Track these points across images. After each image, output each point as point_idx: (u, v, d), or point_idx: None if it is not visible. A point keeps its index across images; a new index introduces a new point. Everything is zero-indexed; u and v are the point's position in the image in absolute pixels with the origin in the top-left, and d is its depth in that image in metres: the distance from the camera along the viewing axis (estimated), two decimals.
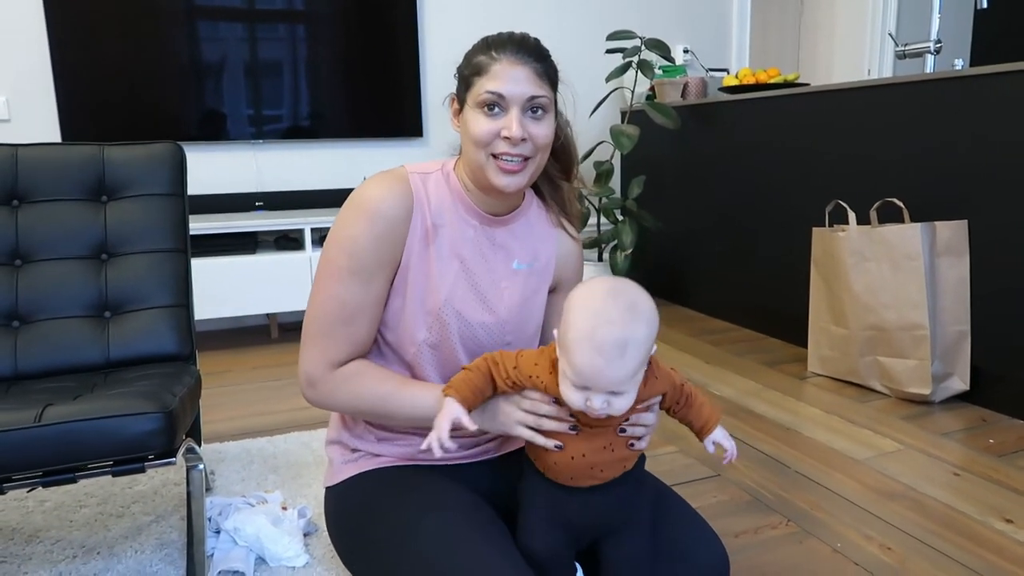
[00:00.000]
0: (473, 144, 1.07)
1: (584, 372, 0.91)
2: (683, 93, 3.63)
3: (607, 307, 0.93)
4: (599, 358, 0.90)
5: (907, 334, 2.26)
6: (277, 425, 2.20)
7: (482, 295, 1.15)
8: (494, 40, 1.08)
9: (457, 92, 1.12)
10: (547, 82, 1.08)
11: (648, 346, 0.93)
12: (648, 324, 0.93)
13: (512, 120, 1.04)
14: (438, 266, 1.12)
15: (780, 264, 2.97)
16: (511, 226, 1.18)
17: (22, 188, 1.60)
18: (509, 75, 1.04)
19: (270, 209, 3.33)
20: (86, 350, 1.53)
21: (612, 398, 0.92)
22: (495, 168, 1.07)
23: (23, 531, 1.59)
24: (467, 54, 1.11)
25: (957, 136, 2.23)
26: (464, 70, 1.10)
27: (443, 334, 1.13)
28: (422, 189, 1.13)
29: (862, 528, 1.58)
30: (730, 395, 2.42)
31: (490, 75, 1.05)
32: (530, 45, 1.08)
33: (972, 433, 2.07)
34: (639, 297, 0.95)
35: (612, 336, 0.90)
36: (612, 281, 0.99)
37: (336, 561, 1.44)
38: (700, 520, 1.14)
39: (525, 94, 1.05)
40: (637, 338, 0.91)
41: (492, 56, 1.06)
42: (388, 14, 3.41)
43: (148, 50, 3.06)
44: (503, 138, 1.05)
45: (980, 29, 4.23)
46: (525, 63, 1.05)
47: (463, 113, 1.10)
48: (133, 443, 1.18)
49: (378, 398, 1.10)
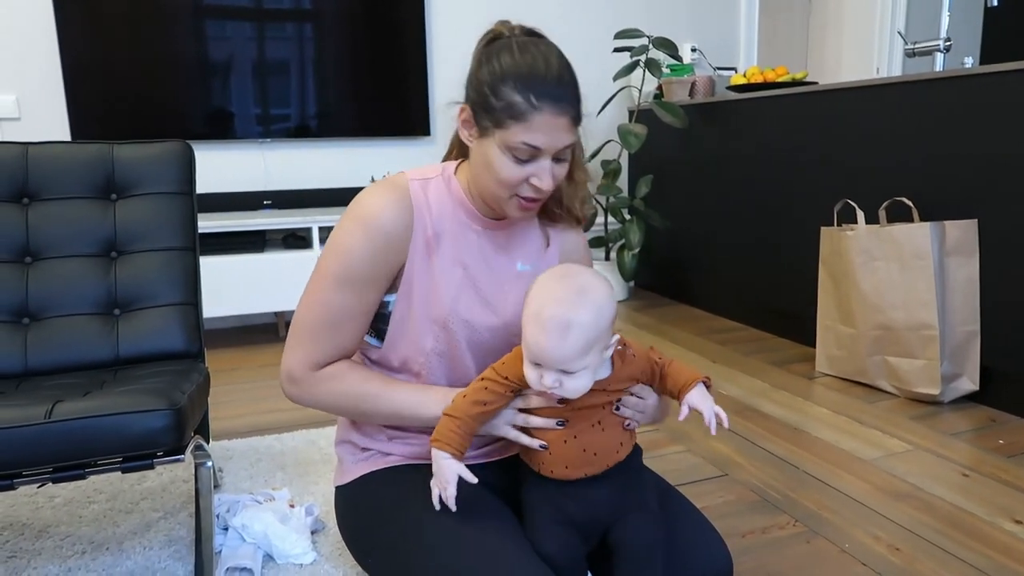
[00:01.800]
0: (496, 182, 1.03)
1: (532, 349, 0.95)
2: (691, 92, 3.63)
3: (555, 288, 0.96)
4: (543, 336, 0.93)
5: (916, 334, 2.25)
6: (285, 423, 2.20)
7: (487, 299, 1.14)
8: (532, 79, 0.99)
9: (476, 113, 1.04)
10: (577, 123, 1.04)
11: (595, 331, 0.94)
12: (596, 309, 0.95)
13: (544, 172, 1.02)
14: (441, 275, 1.11)
15: (788, 263, 2.96)
16: (513, 228, 1.17)
17: (32, 186, 1.61)
18: (549, 127, 0.99)
19: (278, 207, 3.34)
20: (95, 347, 1.54)
21: (564, 377, 0.95)
22: (516, 206, 1.06)
23: (33, 526, 1.60)
24: (496, 78, 1.01)
25: (967, 135, 2.22)
26: (493, 100, 1.00)
27: (450, 342, 1.13)
28: (422, 197, 1.11)
29: (870, 528, 1.58)
30: (737, 394, 2.41)
31: (528, 126, 0.99)
32: (568, 86, 1.01)
33: (981, 433, 2.06)
34: (592, 283, 0.97)
35: (556, 316, 0.93)
36: (568, 267, 1.02)
37: (343, 559, 1.44)
38: (704, 521, 1.13)
39: (561, 144, 1.01)
40: (581, 320, 0.93)
41: (532, 103, 0.98)
42: (396, 13, 3.41)
43: (157, 49, 3.08)
44: (531, 185, 1.03)
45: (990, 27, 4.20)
46: (565, 112, 1.00)
47: (483, 140, 1.04)
48: (142, 440, 1.19)
49: (359, 398, 1.11)
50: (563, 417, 1.01)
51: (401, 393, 1.11)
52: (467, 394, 1.03)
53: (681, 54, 3.54)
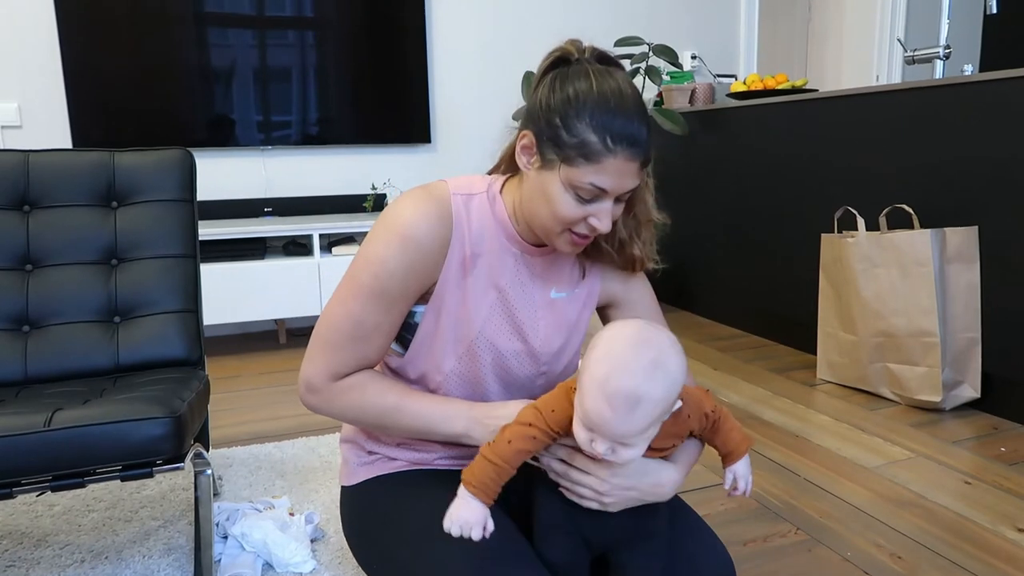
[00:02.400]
0: (551, 216, 0.99)
1: (591, 417, 0.87)
2: (691, 99, 3.63)
3: (628, 357, 0.86)
4: (607, 409, 0.85)
5: (917, 341, 2.24)
6: (285, 430, 2.20)
7: (518, 325, 1.11)
8: (610, 118, 0.93)
9: (541, 143, 0.98)
10: (647, 164, 0.99)
11: (666, 406, 0.88)
12: (670, 384, 0.87)
13: (604, 213, 0.97)
14: (474, 296, 1.08)
15: (789, 270, 2.96)
16: (553, 255, 1.12)
17: (33, 194, 1.61)
18: (621, 172, 0.94)
19: (279, 215, 3.35)
20: (95, 355, 1.54)
21: (619, 447, 0.88)
22: (567, 240, 1.01)
23: (32, 535, 1.59)
24: (569, 110, 0.95)
25: (966, 142, 2.22)
26: (564, 134, 0.95)
27: (473, 365, 1.10)
28: (464, 214, 1.06)
29: (872, 536, 1.57)
30: (738, 402, 2.41)
31: (600, 168, 0.94)
32: (644, 126, 0.95)
33: (983, 441, 2.06)
34: (668, 352, 0.88)
35: (626, 389, 0.84)
36: (644, 329, 0.91)
37: (343, 567, 1.44)
38: (706, 528, 1.12)
39: (628, 188, 0.98)
40: (654, 396, 0.85)
41: (608, 147, 0.93)
42: (397, 20, 3.42)
43: (158, 57, 3.09)
44: (588, 223, 0.98)
45: (990, 34, 4.22)
46: (638, 157, 0.95)
47: (544, 172, 0.98)
48: (142, 448, 1.18)
49: (380, 412, 1.08)
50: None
51: (424, 408, 1.07)
52: (512, 440, 0.94)
53: (681, 61, 3.55)
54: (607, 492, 0.96)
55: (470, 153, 3.64)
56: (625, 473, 0.96)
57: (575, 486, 0.97)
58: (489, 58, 3.64)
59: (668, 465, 1.02)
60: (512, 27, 3.69)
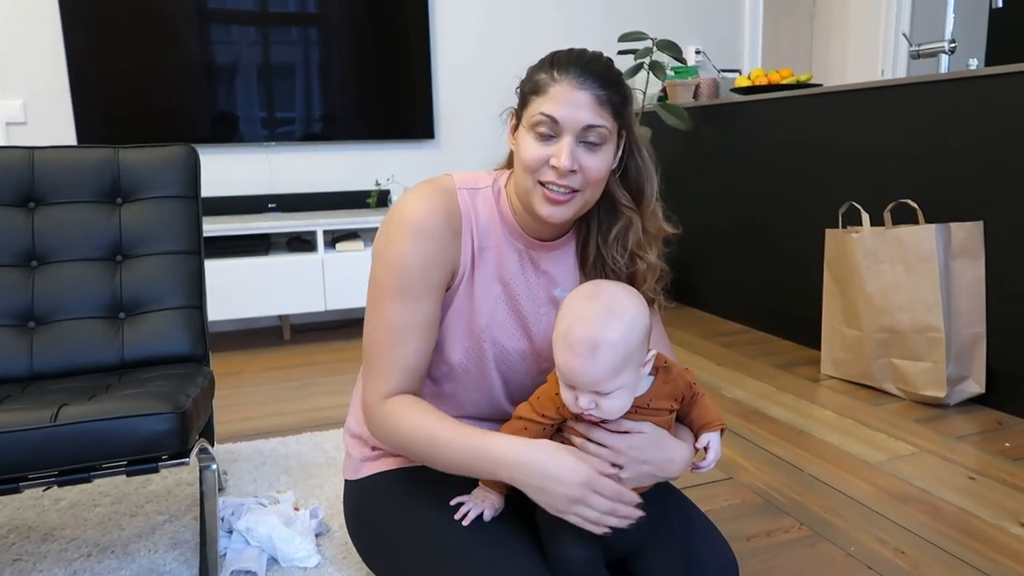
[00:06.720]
0: (522, 168, 1.01)
1: (563, 370, 0.93)
2: (695, 94, 3.62)
3: (583, 307, 0.94)
4: (572, 357, 0.91)
5: (921, 336, 2.24)
6: (289, 426, 2.21)
7: (522, 322, 1.12)
8: (559, 57, 1.00)
9: (517, 109, 1.05)
10: (609, 111, 0.99)
11: (625, 350, 0.91)
12: (625, 327, 0.91)
13: (563, 149, 0.97)
14: (480, 289, 1.08)
15: (793, 266, 2.95)
16: (557, 252, 1.13)
17: (38, 190, 1.62)
18: (567, 99, 0.97)
19: (283, 211, 3.35)
20: (101, 351, 1.54)
21: (599, 399, 0.92)
22: (541, 196, 1.01)
23: (38, 529, 1.60)
24: (530, 69, 1.03)
25: (971, 137, 2.21)
26: (524, 86, 1.03)
27: (479, 359, 1.11)
28: (471, 207, 1.07)
29: (876, 532, 1.57)
30: (742, 397, 2.41)
31: (547, 96, 0.98)
32: (597, 68, 0.99)
33: (987, 436, 2.05)
34: (620, 298, 0.94)
35: (583, 336, 0.90)
36: (597, 283, 0.99)
37: (348, 561, 1.44)
38: (709, 524, 1.13)
39: (580, 122, 0.97)
40: (610, 339, 0.90)
41: (553, 76, 0.98)
42: (400, 16, 3.42)
43: (162, 54, 3.09)
44: (551, 167, 0.98)
45: (995, 28, 4.19)
46: (586, 87, 0.97)
47: (518, 132, 1.04)
48: (147, 443, 1.19)
49: (420, 441, 1.02)
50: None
51: (460, 441, 1.00)
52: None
53: (685, 56, 3.54)
54: (624, 463, 0.98)
55: (474, 149, 3.63)
56: (641, 445, 0.98)
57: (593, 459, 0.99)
58: (493, 53, 3.63)
59: (678, 441, 1.04)
60: (516, 22, 3.69)
